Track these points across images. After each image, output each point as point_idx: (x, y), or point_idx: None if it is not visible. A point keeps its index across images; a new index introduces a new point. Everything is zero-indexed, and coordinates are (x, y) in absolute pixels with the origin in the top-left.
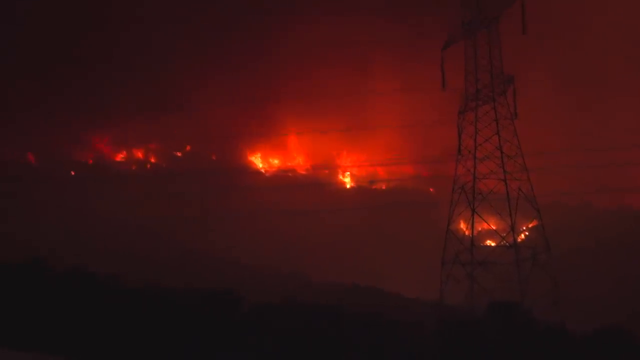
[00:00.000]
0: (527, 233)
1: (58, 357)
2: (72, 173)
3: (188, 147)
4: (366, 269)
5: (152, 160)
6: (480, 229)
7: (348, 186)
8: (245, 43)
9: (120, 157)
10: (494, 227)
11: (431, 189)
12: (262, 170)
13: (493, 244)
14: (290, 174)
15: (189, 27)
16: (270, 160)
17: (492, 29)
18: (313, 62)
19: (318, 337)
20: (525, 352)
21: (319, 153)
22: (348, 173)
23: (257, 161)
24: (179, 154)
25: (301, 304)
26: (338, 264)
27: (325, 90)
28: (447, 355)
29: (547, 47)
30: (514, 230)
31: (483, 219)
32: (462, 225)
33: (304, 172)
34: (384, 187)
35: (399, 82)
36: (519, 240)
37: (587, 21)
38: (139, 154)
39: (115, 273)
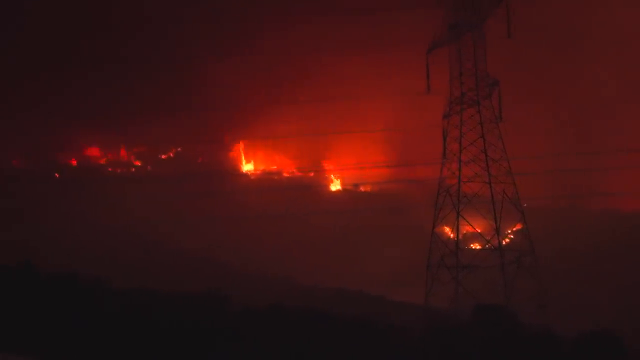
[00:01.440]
0: (512, 236)
1: None
2: (57, 175)
3: (173, 150)
4: (351, 273)
5: (137, 163)
6: (465, 232)
7: (333, 189)
8: (233, 46)
9: (105, 160)
10: (479, 230)
11: (416, 192)
12: (248, 173)
13: (478, 247)
14: (275, 177)
15: (177, 30)
16: (256, 163)
17: (478, 32)
18: (300, 66)
19: (304, 341)
20: (511, 355)
21: (305, 156)
22: (333, 176)
23: (243, 164)
24: (164, 156)
25: (288, 308)
26: (323, 268)
27: (311, 94)
28: (432, 358)
29: (533, 51)
30: (499, 233)
31: (468, 222)
32: (447, 229)
33: (289, 175)
34: (369, 190)
35: (383, 85)
36: (504, 243)
37: (573, 24)
38: (124, 157)
39: (101, 276)
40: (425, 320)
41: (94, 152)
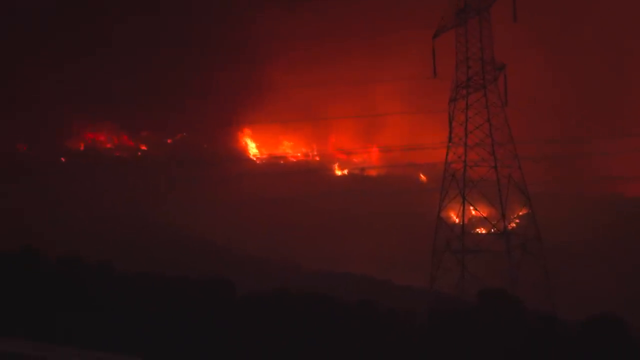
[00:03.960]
0: (518, 221)
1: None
2: (63, 160)
3: (179, 135)
4: (357, 257)
5: (143, 147)
6: (471, 216)
7: (339, 173)
8: (237, 31)
9: (111, 144)
10: (484, 215)
11: (422, 177)
12: (253, 158)
13: (484, 232)
14: (281, 161)
15: (180, 16)
16: (262, 147)
17: (484, 16)
18: (305, 50)
19: (310, 326)
20: (516, 340)
21: (311, 140)
22: (339, 160)
23: (249, 148)
24: (169, 141)
25: (292, 293)
26: (328, 252)
27: (317, 78)
28: (437, 343)
29: (539, 35)
30: (504, 217)
31: (474, 207)
32: (453, 213)
33: (295, 160)
34: (374, 175)
35: (389, 70)
36: (510, 228)
37: (580, 8)
38: (130, 142)
39: (106, 260)
40: (430, 305)
41: (100, 136)
